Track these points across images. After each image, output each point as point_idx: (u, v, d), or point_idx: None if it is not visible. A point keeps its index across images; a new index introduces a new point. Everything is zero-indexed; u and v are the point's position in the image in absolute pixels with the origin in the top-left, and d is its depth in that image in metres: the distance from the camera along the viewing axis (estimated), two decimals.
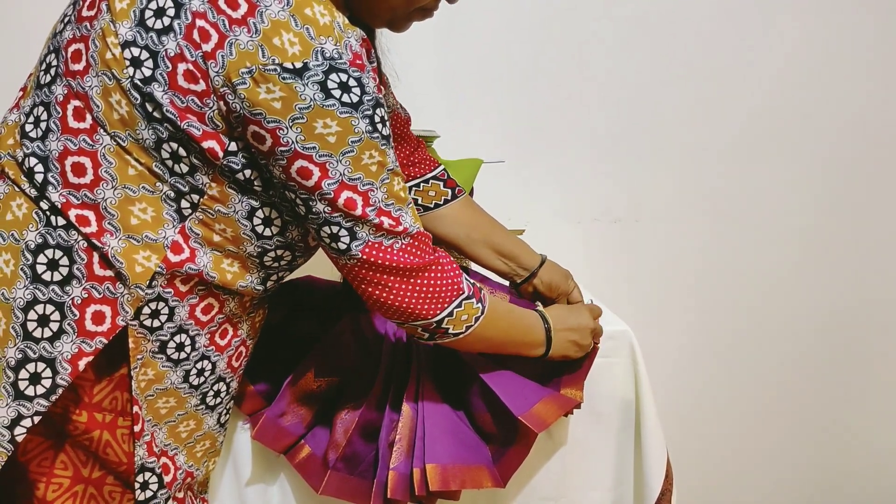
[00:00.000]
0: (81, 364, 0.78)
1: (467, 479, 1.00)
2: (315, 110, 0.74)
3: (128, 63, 0.75)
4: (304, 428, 1.06)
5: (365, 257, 0.83)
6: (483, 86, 1.50)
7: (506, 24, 1.49)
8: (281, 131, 0.75)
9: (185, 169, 0.78)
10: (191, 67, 0.74)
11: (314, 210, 0.80)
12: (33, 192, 0.79)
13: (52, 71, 0.80)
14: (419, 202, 1.15)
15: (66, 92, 0.78)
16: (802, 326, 1.75)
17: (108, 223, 0.79)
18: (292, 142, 0.76)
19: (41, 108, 0.80)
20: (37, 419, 0.78)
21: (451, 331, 0.90)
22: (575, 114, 1.55)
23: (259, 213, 0.83)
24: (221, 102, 0.75)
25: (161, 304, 0.83)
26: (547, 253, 1.59)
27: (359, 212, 0.81)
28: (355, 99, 0.76)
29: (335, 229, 0.82)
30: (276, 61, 0.72)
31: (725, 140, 1.62)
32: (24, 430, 0.77)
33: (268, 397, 1.07)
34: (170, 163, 0.78)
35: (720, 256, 1.68)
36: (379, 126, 0.79)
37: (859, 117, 1.67)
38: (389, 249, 0.83)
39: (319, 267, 1.52)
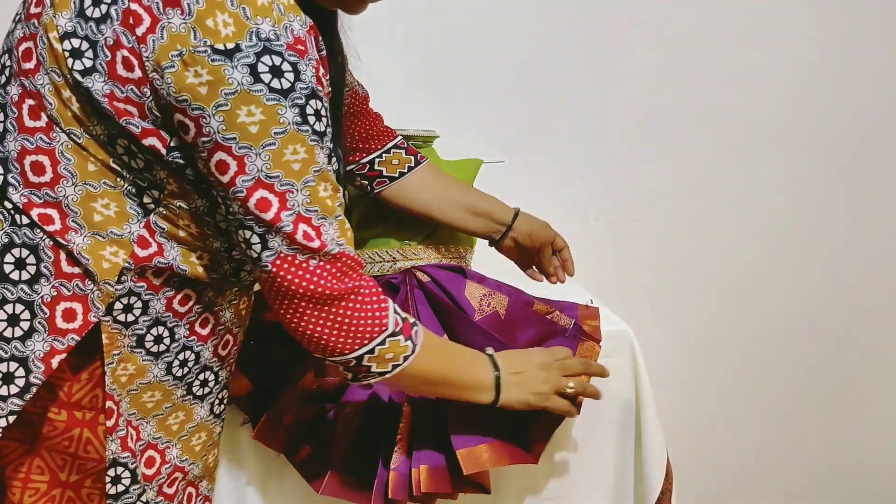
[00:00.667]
0: (54, 362, 0.76)
1: (491, 458, 0.99)
2: (240, 96, 0.69)
3: (68, 55, 0.72)
4: (304, 428, 1.06)
5: (275, 271, 0.76)
6: (483, 86, 1.50)
7: (506, 23, 1.49)
8: (204, 119, 0.70)
9: (140, 164, 0.76)
10: (127, 54, 0.71)
11: (230, 211, 0.75)
12: None
13: (7, 72, 0.78)
14: (384, 173, 1.11)
15: (20, 91, 0.76)
16: (803, 325, 1.75)
17: (72, 220, 0.77)
18: (213, 131, 0.71)
19: None
20: (11, 419, 0.76)
21: (374, 369, 0.82)
22: (574, 113, 1.55)
23: (221, 210, 0.78)
24: (152, 89, 0.71)
25: (133, 299, 0.80)
26: None
27: (271, 215, 0.74)
28: (286, 85, 0.70)
29: (248, 234, 0.76)
30: (208, 43, 0.68)
31: (725, 139, 1.62)
32: None
33: (268, 397, 1.07)
34: (125, 158, 0.76)
35: (720, 256, 1.68)
36: (311, 119, 0.72)
37: (859, 117, 1.67)
38: (303, 267, 0.76)
39: None
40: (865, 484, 1.88)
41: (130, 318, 0.81)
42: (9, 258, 0.76)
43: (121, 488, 0.84)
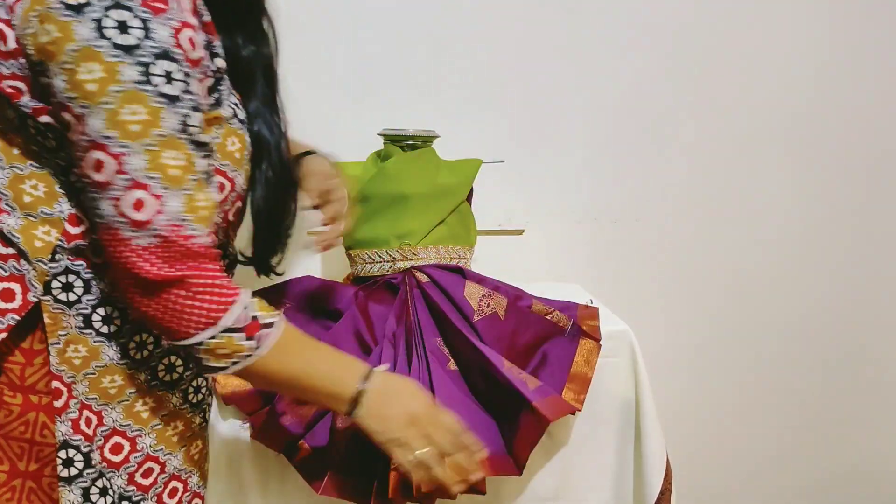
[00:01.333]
0: None
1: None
2: (83, 52, 0.67)
3: None
4: (304, 428, 1.06)
5: (106, 240, 0.73)
6: (482, 86, 1.50)
7: (506, 23, 1.49)
8: (53, 79, 0.69)
9: (53, 144, 0.75)
10: (2, 27, 0.70)
11: (78, 172, 0.73)
12: None
13: None
14: None
15: None
16: (804, 326, 1.75)
17: (5, 203, 0.76)
18: (59, 91, 0.69)
19: None
20: None
21: (208, 363, 0.79)
22: (574, 114, 1.55)
23: None
24: (26, 58, 0.70)
25: (72, 277, 0.78)
26: (546, 253, 1.60)
27: (104, 178, 0.70)
28: (131, 42, 0.67)
29: (89, 199, 0.74)
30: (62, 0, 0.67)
31: (726, 139, 1.62)
32: None
33: (267, 397, 1.07)
34: (40, 139, 0.75)
35: (720, 256, 1.68)
36: (157, 80, 0.69)
37: (861, 118, 1.66)
38: (128, 245, 0.72)
39: (323, 269, 1.52)
40: (869, 487, 1.88)
41: (72, 297, 0.80)
42: None
43: (73, 472, 0.82)
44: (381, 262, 1.15)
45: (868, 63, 1.64)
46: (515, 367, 1.04)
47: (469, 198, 1.24)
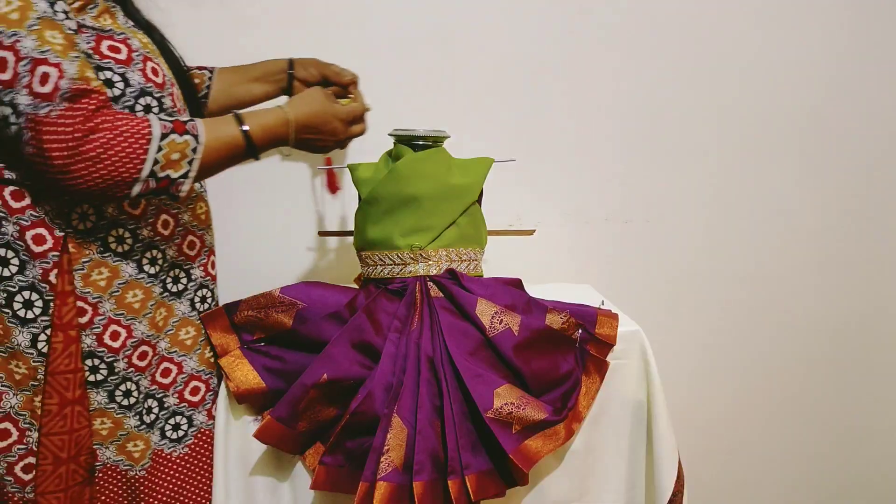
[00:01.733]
0: (52, 278, 0.91)
1: (478, 490, 1.02)
2: None
3: None
4: (306, 427, 1.07)
5: (31, 135, 0.82)
6: (493, 86, 1.50)
7: (515, 24, 1.48)
8: None
9: None
10: None
11: None
12: None
13: None
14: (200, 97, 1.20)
15: None
16: (815, 327, 1.74)
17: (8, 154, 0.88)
18: None
19: None
20: (48, 332, 0.93)
21: (173, 175, 0.89)
22: (586, 114, 1.54)
23: None
24: None
25: (86, 206, 0.93)
26: (557, 253, 1.60)
27: (9, 74, 0.81)
28: None
29: (2, 109, 0.83)
30: None
31: (736, 141, 1.61)
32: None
33: (274, 397, 1.08)
34: None
35: (731, 257, 1.67)
36: None
37: (870, 117, 1.65)
38: (47, 120, 0.82)
39: (324, 271, 1.53)
40: (880, 487, 1.86)
41: (89, 224, 0.93)
42: None
43: (99, 377, 0.97)
44: (391, 264, 1.15)
45: (878, 64, 1.63)
46: (510, 402, 1.04)
47: (479, 198, 1.24)
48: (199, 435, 1.09)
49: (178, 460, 1.06)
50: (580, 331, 1.15)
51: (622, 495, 1.19)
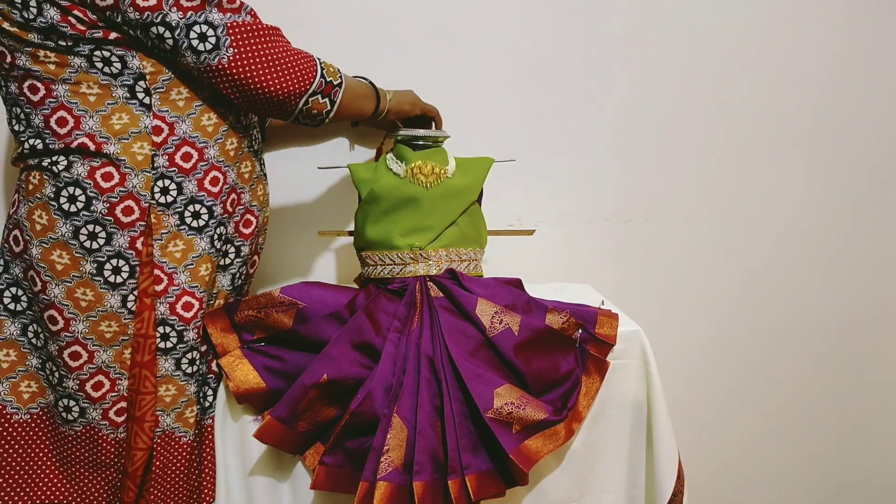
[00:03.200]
0: (139, 245, 1.01)
1: (478, 489, 1.02)
2: None
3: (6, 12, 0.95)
4: (306, 427, 1.07)
5: (235, 40, 0.98)
6: (493, 86, 1.50)
7: (515, 24, 1.48)
8: None
9: (117, 67, 0.99)
10: None
11: (171, 29, 0.96)
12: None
13: None
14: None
15: (14, 80, 0.99)
16: (815, 327, 1.74)
17: (100, 137, 1.00)
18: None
19: (11, 106, 1.01)
20: (136, 293, 1.02)
21: (334, 82, 1.08)
22: (585, 114, 1.54)
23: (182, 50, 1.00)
24: None
25: (167, 182, 1.03)
26: (557, 253, 1.60)
27: (197, 1, 0.95)
28: None
29: (196, 32, 0.97)
30: None
31: (736, 140, 1.61)
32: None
33: (274, 397, 1.08)
34: (106, 69, 0.99)
35: (731, 256, 1.67)
36: None
37: (870, 117, 1.65)
38: (247, 26, 0.99)
39: (324, 271, 1.53)
40: (880, 488, 1.86)
41: (169, 198, 1.02)
42: (63, 199, 0.99)
43: (169, 345, 1.05)
44: (391, 264, 1.15)
45: (879, 63, 1.63)
46: (510, 401, 1.04)
47: (479, 198, 1.24)
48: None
49: (207, 427, 1.12)
50: (580, 331, 1.15)
51: (622, 495, 1.19)
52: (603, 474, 1.17)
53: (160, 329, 1.03)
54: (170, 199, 1.02)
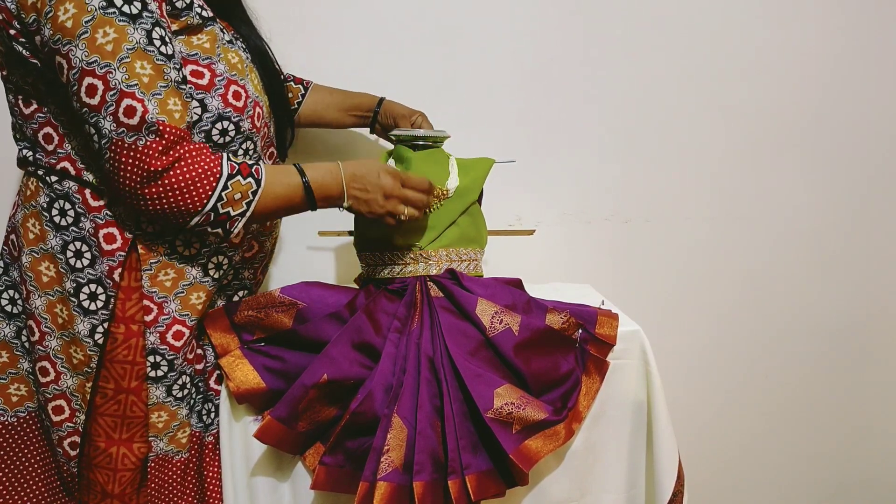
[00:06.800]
0: (116, 276, 0.97)
1: (478, 490, 1.02)
2: None
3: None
4: (306, 428, 1.07)
5: (112, 157, 0.88)
6: (494, 86, 1.50)
7: (515, 24, 1.48)
8: (40, 32, 0.87)
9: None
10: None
11: (77, 111, 0.89)
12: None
13: None
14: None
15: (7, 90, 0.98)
16: (815, 327, 1.74)
17: (81, 163, 0.96)
18: (47, 40, 0.87)
19: (10, 113, 1.00)
20: (107, 323, 0.98)
21: (233, 213, 0.94)
22: (585, 114, 1.54)
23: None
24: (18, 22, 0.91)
25: None
26: (557, 253, 1.60)
27: (97, 99, 0.86)
28: None
29: (89, 129, 0.89)
30: None
31: (737, 140, 1.61)
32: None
33: (274, 397, 1.08)
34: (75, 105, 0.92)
35: (731, 256, 1.67)
36: (117, 2, 0.86)
37: (871, 117, 1.65)
38: (133, 148, 0.88)
39: (324, 271, 1.53)
40: (880, 487, 1.86)
41: (158, 228, 0.99)
42: (55, 211, 0.98)
43: (160, 373, 1.02)
44: (391, 264, 1.15)
45: (880, 64, 1.63)
46: (510, 402, 1.04)
47: (479, 198, 1.24)
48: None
49: (209, 444, 1.11)
50: (580, 331, 1.15)
51: (622, 495, 1.19)
52: (603, 474, 1.17)
53: (150, 358, 1.01)
54: (158, 227, 0.99)
